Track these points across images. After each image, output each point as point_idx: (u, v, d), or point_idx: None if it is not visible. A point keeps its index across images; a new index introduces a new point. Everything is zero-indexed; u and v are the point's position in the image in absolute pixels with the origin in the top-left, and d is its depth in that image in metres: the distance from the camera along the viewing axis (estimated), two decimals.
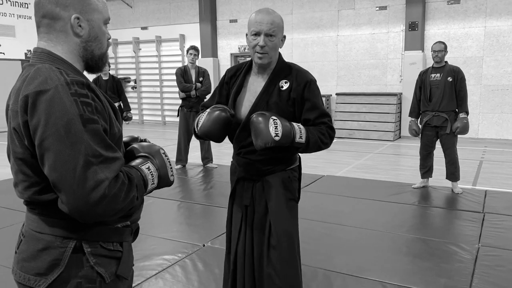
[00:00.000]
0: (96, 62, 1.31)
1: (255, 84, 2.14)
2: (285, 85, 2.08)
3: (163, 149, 1.37)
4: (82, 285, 1.21)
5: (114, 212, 1.14)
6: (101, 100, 1.21)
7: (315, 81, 2.15)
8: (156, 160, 1.32)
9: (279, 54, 2.14)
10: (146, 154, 1.32)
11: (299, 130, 1.99)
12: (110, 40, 1.34)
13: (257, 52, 2.02)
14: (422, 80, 5.19)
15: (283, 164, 2.16)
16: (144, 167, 1.27)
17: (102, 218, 1.14)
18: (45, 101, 1.09)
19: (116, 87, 6.97)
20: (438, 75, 5.07)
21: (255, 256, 2.20)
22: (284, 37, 2.11)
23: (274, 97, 2.08)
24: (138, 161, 1.29)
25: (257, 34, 2.00)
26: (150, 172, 1.28)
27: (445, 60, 5.13)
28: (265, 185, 2.15)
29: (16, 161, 1.19)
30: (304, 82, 2.09)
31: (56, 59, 1.22)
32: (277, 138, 1.90)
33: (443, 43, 5.08)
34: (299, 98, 2.08)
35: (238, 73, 2.21)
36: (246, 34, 2.08)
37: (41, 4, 1.22)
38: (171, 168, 1.35)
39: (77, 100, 1.12)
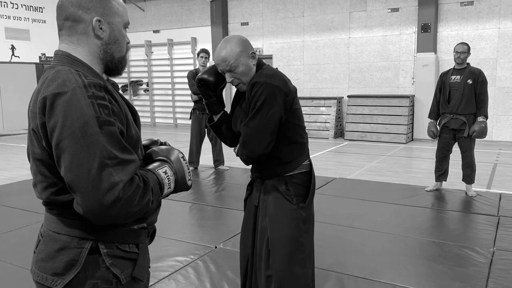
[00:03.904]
0: (115, 65, 1.33)
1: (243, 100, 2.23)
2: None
3: (182, 153, 1.36)
4: (98, 286, 1.22)
5: (129, 215, 1.14)
6: (118, 102, 1.22)
7: (264, 82, 2.01)
8: (174, 164, 1.31)
9: (259, 63, 2.14)
10: (164, 158, 1.32)
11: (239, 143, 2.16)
12: (129, 44, 1.35)
13: (234, 86, 2.14)
14: (443, 81, 5.07)
15: (279, 170, 2.16)
16: (161, 171, 1.27)
17: (116, 221, 1.14)
18: (63, 103, 1.11)
19: None
20: (458, 77, 4.96)
21: (255, 258, 2.25)
22: (252, 53, 2.09)
23: (244, 104, 2.13)
24: (155, 164, 1.29)
25: (223, 73, 2.10)
26: (167, 176, 1.28)
27: (467, 61, 5.00)
28: (265, 188, 2.21)
29: (35, 161, 1.21)
30: (250, 84, 2.05)
31: (75, 61, 1.23)
32: None
33: (467, 44, 4.93)
34: (247, 100, 2.08)
35: (237, 91, 2.30)
36: None
37: (63, 7, 1.24)
38: (189, 172, 1.35)
39: (94, 103, 1.12)
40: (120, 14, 1.29)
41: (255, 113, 2.01)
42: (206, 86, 2.15)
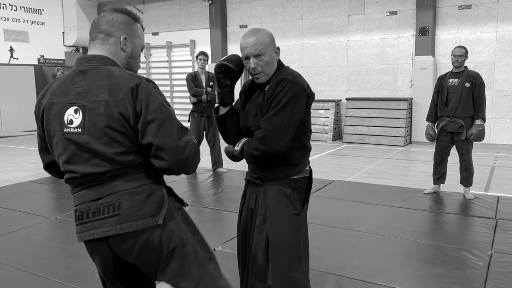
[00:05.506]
0: None
1: (258, 96, 2.20)
2: (267, 87, 2.11)
3: None
4: (178, 212, 1.68)
5: (195, 164, 1.60)
6: None
7: (292, 80, 2.02)
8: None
9: (280, 63, 2.15)
10: None
11: (240, 141, 2.17)
12: (140, 64, 1.75)
13: (253, 74, 2.10)
14: (440, 85, 5.09)
15: (283, 173, 2.14)
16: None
17: (189, 169, 1.58)
18: (142, 89, 1.52)
19: None
20: (456, 80, 4.97)
21: (251, 261, 2.21)
22: (278, 48, 2.13)
23: (260, 100, 2.11)
24: None
25: (247, 58, 2.07)
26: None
27: (465, 65, 5.02)
28: (267, 190, 2.16)
29: (118, 137, 1.52)
30: (277, 80, 2.05)
31: (116, 64, 1.61)
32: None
33: (464, 47, 4.95)
34: (270, 96, 2.05)
35: (249, 87, 2.29)
36: None
37: (99, 23, 1.63)
38: None
39: (158, 91, 1.57)
40: (140, 37, 1.70)
41: (280, 109, 1.99)
42: (225, 73, 2.12)
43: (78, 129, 1.52)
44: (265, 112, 2.07)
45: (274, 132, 2.00)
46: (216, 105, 2.26)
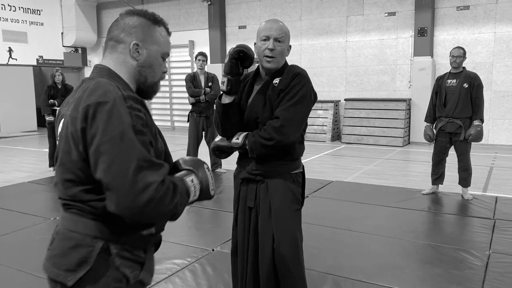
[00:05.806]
0: (147, 87, 1.44)
1: (265, 88, 2.24)
2: (277, 80, 2.17)
3: (207, 164, 1.45)
4: (109, 284, 1.28)
5: (159, 214, 1.22)
6: (150, 116, 1.34)
7: (306, 76, 2.15)
8: (200, 174, 1.40)
9: (285, 61, 2.23)
10: (190, 168, 1.41)
11: (238, 134, 2.18)
12: (164, 74, 1.47)
13: (266, 56, 2.13)
14: (439, 85, 5.11)
15: (286, 167, 2.19)
16: (188, 179, 1.36)
17: (148, 220, 1.25)
18: (104, 111, 1.21)
19: (67, 94, 6.99)
20: (454, 81, 4.99)
21: (260, 259, 2.22)
22: (290, 46, 2.22)
23: (269, 91, 2.17)
24: (182, 173, 1.39)
25: (266, 39, 2.12)
26: (193, 184, 1.37)
27: (463, 66, 5.04)
28: (269, 186, 2.18)
29: (67, 162, 1.28)
30: (292, 74, 2.14)
31: (114, 75, 1.36)
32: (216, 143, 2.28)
33: (462, 48, 4.98)
34: (284, 88, 2.13)
35: (247, 80, 2.31)
36: (255, 43, 2.20)
37: (111, 29, 1.42)
38: (212, 182, 1.44)
39: (132, 113, 1.24)
40: (159, 44, 1.43)
41: (297, 102, 2.08)
42: (241, 59, 2.13)
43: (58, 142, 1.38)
44: (275, 104, 2.12)
45: (292, 122, 2.07)
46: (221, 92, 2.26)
